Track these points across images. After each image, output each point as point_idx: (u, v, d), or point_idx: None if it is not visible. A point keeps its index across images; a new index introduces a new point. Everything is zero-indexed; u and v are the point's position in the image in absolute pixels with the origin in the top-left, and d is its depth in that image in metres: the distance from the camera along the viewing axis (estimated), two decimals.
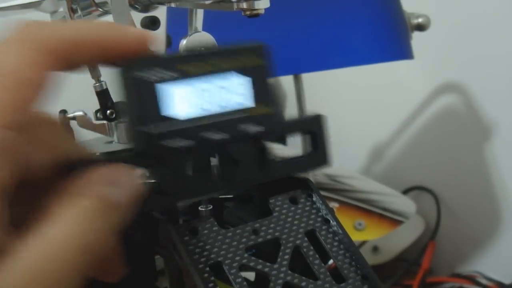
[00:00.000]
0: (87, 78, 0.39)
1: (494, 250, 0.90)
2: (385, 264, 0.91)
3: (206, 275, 0.30)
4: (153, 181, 0.26)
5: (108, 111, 0.39)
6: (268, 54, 0.29)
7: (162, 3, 0.37)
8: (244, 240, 0.32)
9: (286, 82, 1.21)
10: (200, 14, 0.38)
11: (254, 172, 0.29)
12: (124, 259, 0.28)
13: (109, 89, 0.39)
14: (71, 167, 0.23)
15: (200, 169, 0.27)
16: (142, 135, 0.25)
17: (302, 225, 0.33)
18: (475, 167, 0.90)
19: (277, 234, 0.33)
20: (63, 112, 0.40)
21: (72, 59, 0.23)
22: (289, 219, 0.33)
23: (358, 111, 1.08)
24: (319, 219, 0.34)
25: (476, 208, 0.91)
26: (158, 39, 0.28)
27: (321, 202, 0.34)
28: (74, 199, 0.22)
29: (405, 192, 0.98)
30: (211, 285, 0.29)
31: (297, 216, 0.33)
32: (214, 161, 0.36)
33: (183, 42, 0.34)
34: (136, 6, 0.37)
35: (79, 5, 0.39)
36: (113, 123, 0.40)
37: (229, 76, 0.27)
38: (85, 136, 0.48)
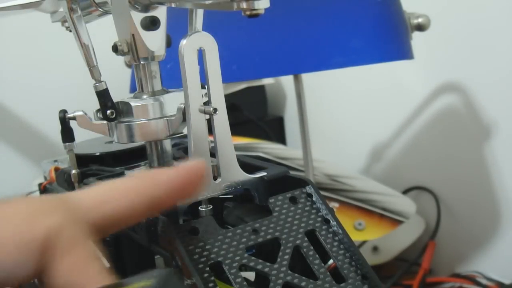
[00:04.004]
0: (87, 78, 0.39)
1: (494, 250, 0.90)
2: (385, 264, 0.91)
3: (206, 275, 0.30)
4: None
5: (108, 111, 0.39)
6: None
7: (162, 3, 0.37)
8: (244, 240, 0.32)
9: (286, 82, 1.21)
10: (200, 14, 0.38)
11: None
12: None
13: (109, 89, 0.39)
14: None
15: None
16: None
17: (302, 225, 0.33)
18: (475, 167, 0.90)
19: (277, 234, 0.32)
20: (63, 112, 0.40)
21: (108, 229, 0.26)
22: (289, 219, 0.33)
23: (358, 111, 1.08)
24: (319, 219, 0.34)
25: (476, 208, 0.91)
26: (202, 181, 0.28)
27: (321, 202, 0.34)
28: None
29: (405, 192, 0.98)
30: (211, 285, 0.29)
31: (297, 216, 0.33)
32: (214, 161, 0.36)
33: (183, 42, 0.34)
34: (136, 6, 0.37)
35: (79, 5, 0.39)
36: (113, 123, 0.40)
37: None
38: (85, 136, 0.48)
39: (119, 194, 0.26)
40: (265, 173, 0.37)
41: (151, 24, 0.38)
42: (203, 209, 0.35)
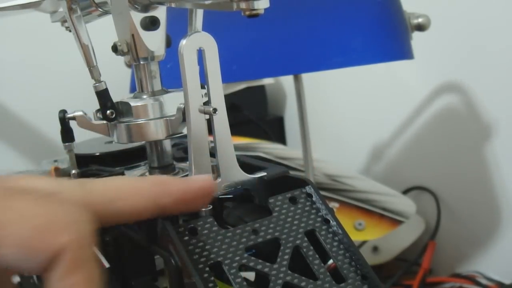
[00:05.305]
0: (87, 78, 0.39)
1: (494, 250, 0.90)
2: (385, 264, 0.91)
3: (206, 275, 0.30)
4: None
5: (108, 111, 0.39)
6: None
7: (162, 3, 0.37)
8: (244, 240, 0.32)
9: (286, 82, 1.21)
10: (200, 14, 0.38)
11: None
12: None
13: (109, 89, 0.39)
14: None
15: None
16: None
17: (302, 225, 0.33)
18: (475, 167, 0.90)
19: (277, 234, 0.32)
20: (63, 112, 0.40)
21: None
22: (289, 219, 0.33)
23: (358, 111, 1.08)
24: (319, 219, 0.34)
25: (476, 208, 0.91)
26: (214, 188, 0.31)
27: (321, 202, 0.34)
28: None
29: (405, 192, 0.98)
30: (211, 285, 0.29)
31: (297, 216, 0.33)
32: (214, 161, 0.36)
33: (183, 42, 0.34)
34: (136, 6, 0.37)
35: (78, 5, 0.39)
36: (113, 123, 0.39)
37: None
38: (85, 136, 0.48)
39: (132, 193, 0.28)
40: (265, 173, 0.37)
41: (151, 24, 0.38)
42: (203, 209, 0.35)
